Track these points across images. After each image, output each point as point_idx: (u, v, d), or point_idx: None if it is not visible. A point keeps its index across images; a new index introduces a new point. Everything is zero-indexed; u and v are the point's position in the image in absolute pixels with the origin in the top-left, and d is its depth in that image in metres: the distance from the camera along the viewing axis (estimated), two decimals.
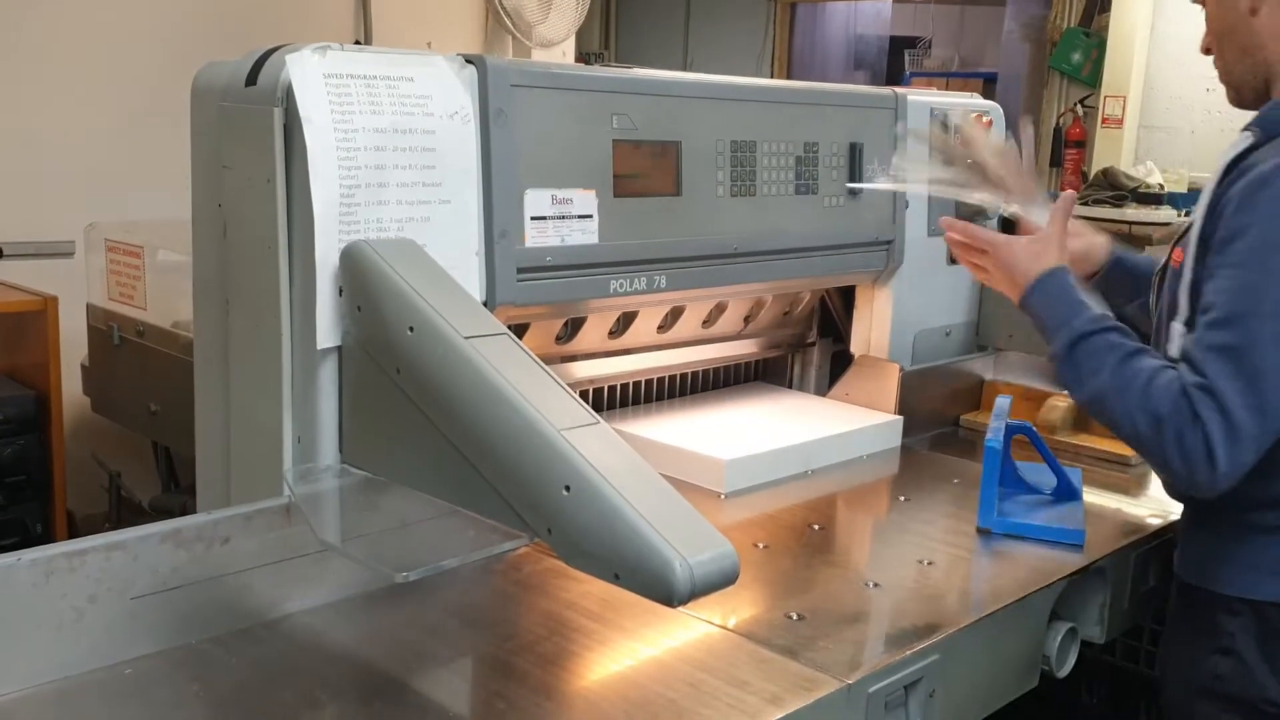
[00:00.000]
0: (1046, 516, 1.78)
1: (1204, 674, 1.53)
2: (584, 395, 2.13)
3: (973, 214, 2.40)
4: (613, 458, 1.18)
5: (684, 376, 2.33)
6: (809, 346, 2.50)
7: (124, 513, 2.94)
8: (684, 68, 8.40)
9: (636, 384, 2.23)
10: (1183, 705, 1.59)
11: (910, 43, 10.63)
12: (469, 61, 1.58)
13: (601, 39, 8.75)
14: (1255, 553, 1.50)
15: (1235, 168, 1.48)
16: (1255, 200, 1.42)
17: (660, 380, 2.28)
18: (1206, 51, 1.63)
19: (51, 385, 2.63)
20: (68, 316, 2.68)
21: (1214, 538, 1.55)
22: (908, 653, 1.34)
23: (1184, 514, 1.63)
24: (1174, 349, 1.50)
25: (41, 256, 3.21)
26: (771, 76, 8.12)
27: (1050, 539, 1.72)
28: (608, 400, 2.19)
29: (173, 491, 2.71)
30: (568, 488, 1.17)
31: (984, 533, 1.75)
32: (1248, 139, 1.51)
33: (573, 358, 2.03)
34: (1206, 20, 1.60)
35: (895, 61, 10.29)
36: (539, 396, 1.24)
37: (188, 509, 1.38)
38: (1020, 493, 1.87)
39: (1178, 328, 1.51)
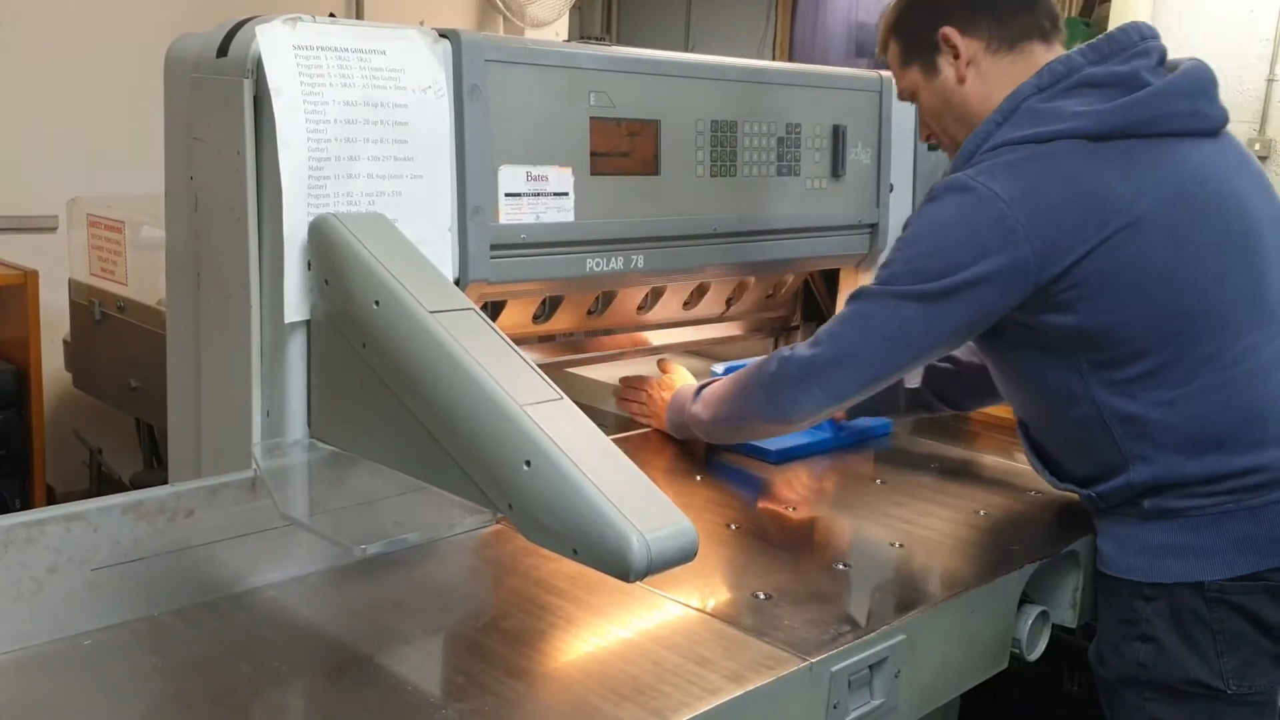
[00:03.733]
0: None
1: (1130, 663, 1.57)
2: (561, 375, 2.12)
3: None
4: (574, 434, 1.18)
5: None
6: (793, 330, 2.49)
7: (105, 489, 2.93)
8: (685, 52, 8.37)
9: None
10: (1114, 695, 1.61)
11: None
12: (443, 35, 1.57)
13: (603, 23, 8.71)
14: (1155, 537, 1.55)
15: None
16: (920, 210, 1.60)
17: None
18: (928, 138, 1.77)
19: (32, 360, 2.62)
20: (49, 291, 2.67)
21: (1120, 528, 1.59)
22: (873, 633, 1.34)
23: (1095, 509, 1.64)
24: None
25: (23, 231, 3.20)
26: (773, 61, 8.09)
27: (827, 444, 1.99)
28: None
29: (154, 468, 2.71)
30: (528, 463, 1.16)
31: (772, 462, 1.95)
32: None
33: (550, 337, 2.02)
34: (921, 112, 1.73)
35: None
36: (502, 371, 1.23)
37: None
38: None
39: None
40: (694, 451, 1.97)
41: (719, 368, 2.02)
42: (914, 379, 1.99)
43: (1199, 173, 1.53)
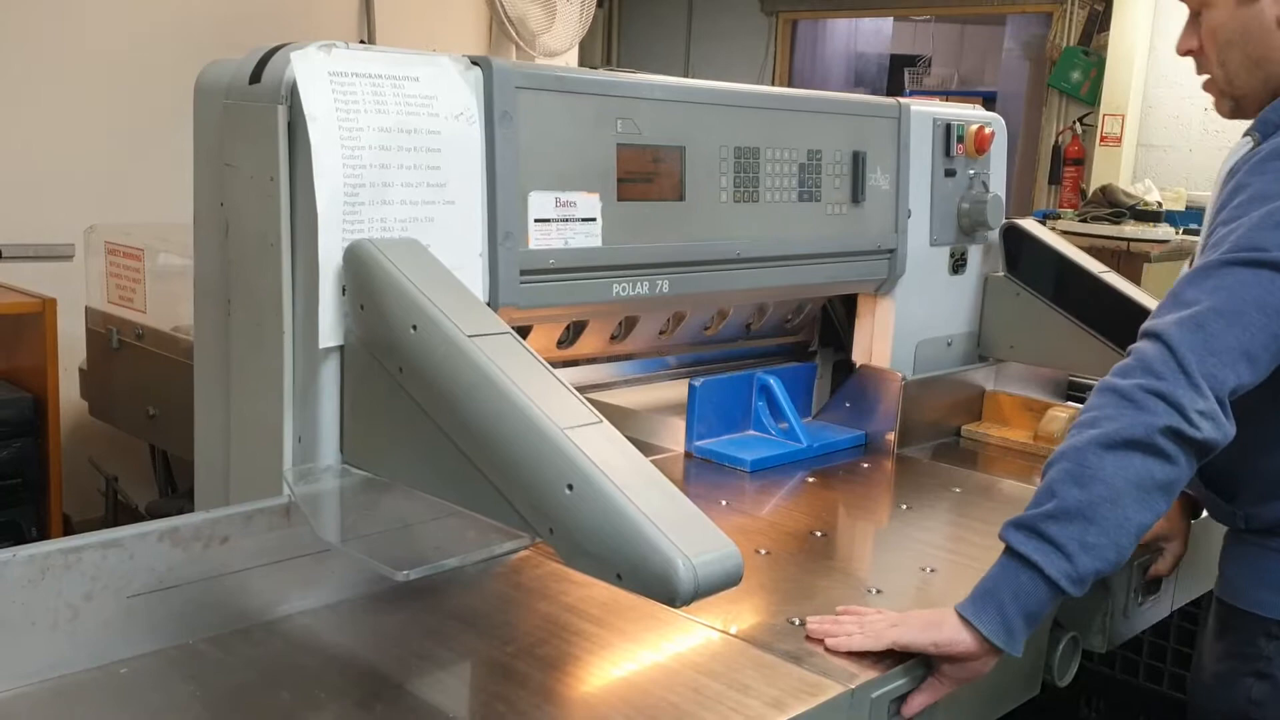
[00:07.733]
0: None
1: (1238, 697, 1.50)
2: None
3: (974, 226, 2.40)
4: (616, 457, 1.17)
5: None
6: (811, 355, 2.49)
7: (121, 517, 2.92)
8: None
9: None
10: None
11: (910, 61, 10.69)
12: (474, 63, 1.58)
13: (604, 53, 8.78)
14: None
15: (1238, 174, 1.44)
16: (1261, 169, 1.38)
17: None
18: (1188, 53, 1.56)
19: (49, 388, 2.61)
20: (66, 319, 2.67)
21: (1259, 560, 1.51)
22: (912, 658, 1.33)
23: (1227, 534, 1.59)
24: None
25: (41, 259, 3.20)
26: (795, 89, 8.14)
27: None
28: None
29: (170, 496, 2.70)
30: (570, 487, 1.16)
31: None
32: (1248, 144, 1.48)
33: (574, 362, 2.02)
34: (1210, 27, 1.51)
35: (895, 79, 10.34)
36: (542, 395, 1.23)
37: (185, 514, 1.37)
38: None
39: None
40: (717, 475, 1.97)
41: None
42: None
43: None
